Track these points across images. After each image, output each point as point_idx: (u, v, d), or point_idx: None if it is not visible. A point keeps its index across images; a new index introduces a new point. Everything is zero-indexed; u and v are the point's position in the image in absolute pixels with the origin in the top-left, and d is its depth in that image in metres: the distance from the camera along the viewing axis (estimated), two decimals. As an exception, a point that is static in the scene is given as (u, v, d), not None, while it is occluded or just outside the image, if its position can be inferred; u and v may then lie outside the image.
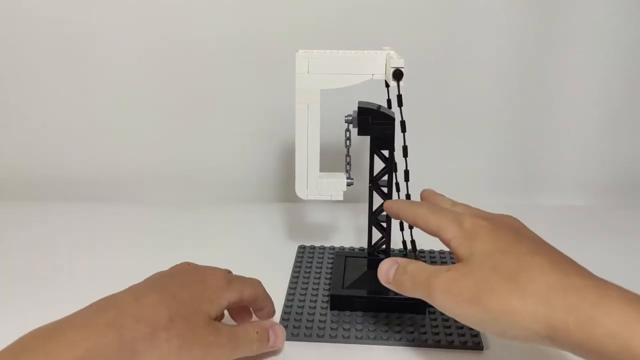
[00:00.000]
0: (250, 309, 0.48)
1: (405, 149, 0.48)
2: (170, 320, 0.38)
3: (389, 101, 0.53)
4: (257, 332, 0.44)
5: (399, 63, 0.45)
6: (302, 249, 0.64)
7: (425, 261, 0.61)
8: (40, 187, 0.79)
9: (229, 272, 0.48)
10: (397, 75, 0.45)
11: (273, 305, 0.48)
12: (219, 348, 0.41)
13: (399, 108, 0.47)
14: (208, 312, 0.41)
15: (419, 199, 0.51)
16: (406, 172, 0.49)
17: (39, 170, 0.79)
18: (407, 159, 0.49)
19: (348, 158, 0.54)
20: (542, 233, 0.69)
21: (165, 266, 0.61)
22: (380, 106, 0.51)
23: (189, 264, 0.46)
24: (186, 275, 0.43)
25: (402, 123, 0.47)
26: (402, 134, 0.47)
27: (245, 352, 0.43)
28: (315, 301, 0.54)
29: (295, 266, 0.61)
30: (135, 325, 0.37)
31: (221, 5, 0.71)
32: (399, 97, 0.46)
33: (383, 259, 0.54)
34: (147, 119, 0.77)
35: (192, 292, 0.41)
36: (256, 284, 0.47)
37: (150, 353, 0.37)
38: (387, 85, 0.51)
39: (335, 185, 0.53)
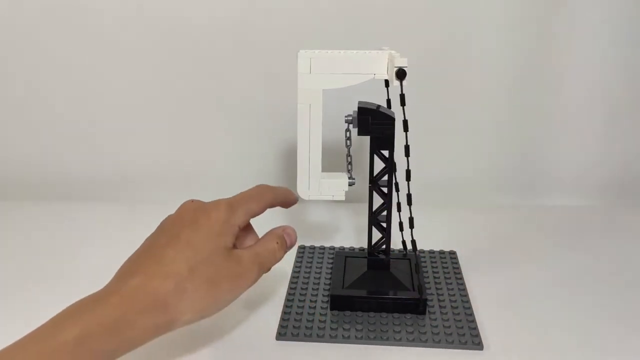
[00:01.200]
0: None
1: (407, 148, 0.48)
2: (190, 269, 0.40)
3: (388, 101, 0.52)
4: (277, 243, 0.46)
5: (402, 62, 0.45)
6: (302, 249, 0.64)
7: (425, 262, 0.61)
8: (40, 187, 0.79)
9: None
10: (400, 74, 0.45)
11: (290, 192, 0.50)
12: (246, 273, 0.43)
13: (401, 107, 0.47)
14: (224, 245, 0.42)
15: (417, 199, 0.52)
16: (408, 172, 0.49)
17: (39, 170, 0.79)
18: (408, 159, 0.48)
19: (349, 158, 0.54)
20: (542, 233, 0.70)
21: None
22: (380, 106, 0.51)
23: (192, 201, 0.46)
24: (192, 217, 0.44)
25: (405, 122, 0.47)
26: (404, 133, 0.47)
27: (272, 263, 0.45)
28: (315, 301, 0.54)
29: (295, 266, 0.61)
30: (163, 284, 0.39)
31: (223, 5, 0.71)
32: (402, 96, 0.46)
33: (383, 259, 0.54)
34: (147, 119, 0.77)
35: (202, 233, 0.42)
36: (260, 193, 0.48)
37: (183, 304, 0.39)
38: (387, 85, 0.51)
39: (337, 185, 0.53)
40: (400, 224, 0.53)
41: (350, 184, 0.53)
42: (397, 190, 0.52)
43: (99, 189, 0.79)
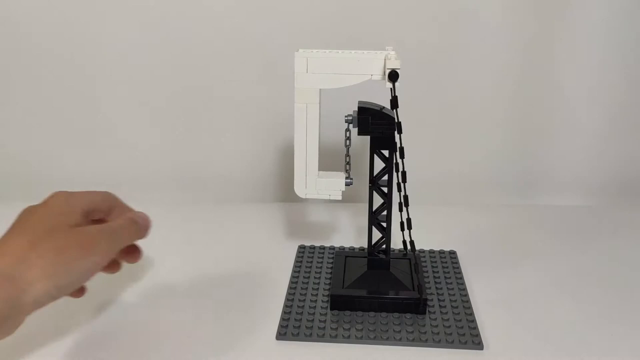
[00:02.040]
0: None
1: (401, 150, 0.48)
2: (31, 242, 0.40)
3: (391, 101, 0.52)
4: (126, 221, 0.46)
5: (394, 64, 0.45)
6: (302, 249, 0.64)
7: (425, 261, 0.61)
8: (40, 187, 0.79)
9: None
10: (393, 76, 0.45)
11: (138, 212, 0.49)
12: (94, 242, 0.43)
13: (394, 109, 0.47)
14: (66, 222, 0.43)
15: (418, 199, 0.52)
16: (403, 173, 0.49)
17: (39, 170, 0.79)
18: (407, 159, 0.48)
19: (348, 158, 0.54)
20: (542, 233, 0.70)
21: (164, 266, 0.61)
22: (380, 106, 0.51)
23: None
24: (35, 207, 0.45)
25: (398, 124, 0.47)
26: (398, 135, 0.47)
27: (126, 237, 0.46)
28: (315, 301, 0.54)
29: (295, 266, 0.61)
30: (3, 259, 0.39)
31: (221, 5, 0.71)
32: (395, 98, 0.46)
33: (383, 259, 0.54)
34: (146, 120, 0.77)
35: (40, 214, 0.43)
36: (104, 193, 0.48)
37: (29, 273, 0.39)
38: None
39: (334, 184, 0.53)
40: (401, 223, 0.53)
41: (347, 184, 0.53)
42: (399, 190, 0.52)
43: (99, 189, 0.79)
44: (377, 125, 0.50)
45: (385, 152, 0.51)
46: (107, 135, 0.78)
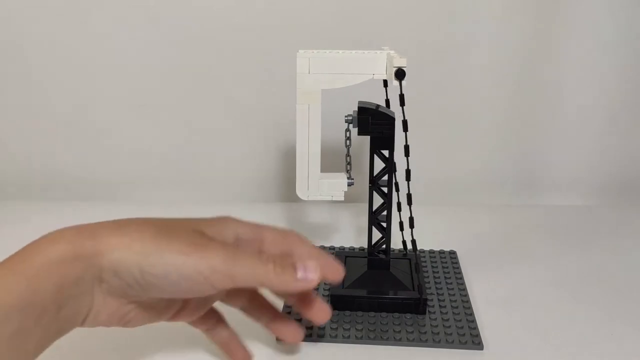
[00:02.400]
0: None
1: (407, 148, 0.48)
2: (146, 221, 0.38)
3: (387, 101, 0.52)
4: (279, 256, 0.38)
5: (401, 62, 0.45)
6: (302, 249, 0.64)
7: (425, 261, 0.61)
8: (40, 187, 0.79)
9: None
10: (400, 74, 0.45)
11: (327, 257, 0.40)
12: (208, 246, 0.36)
13: (400, 107, 0.47)
14: (199, 229, 0.38)
15: (417, 199, 0.52)
16: (407, 172, 0.49)
17: (39, 170, 0.79)
18: (408, 158, 0.48)
19: (348, 158, 0.54)
20: (542, 233, 0.70)
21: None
22: (380, 106, 0.51)
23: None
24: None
25: (404, 122, 0.47)
26: (403, 133, 0.47)
27: (253, 269, 0.37)
28: (316, 301, 0.54)
29: (295, 266, 0.61)
30: (108, 222, 0.37)
31: (221, 5, 0.71)
32: (402, 96, 0.46)
33: (383, 259, 0.54)
34: (147, 120, 0.77)
35: (186, 219, 0.39)
36: (286, 231, 0.42)
37: (115, 238, 0.36)
38: (386, 85, 0.51)
39: (336, 185, 0.53)
40: (401, 223, 0.53)
41: (349, 184, 0.53)
42: (397, 190, 0.52)
43: (99, 189, 0.79)
44: (377, 125, 0.50)
45: (385, 152, 0.51)
46: (108, 135, 0.78)
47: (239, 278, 0.37)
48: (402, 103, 0.47)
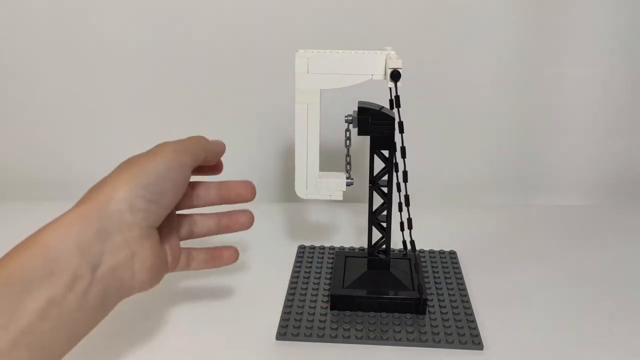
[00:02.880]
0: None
1: (403, 149, 0.48)
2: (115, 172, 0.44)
3: (391, 101, 0.52)
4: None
5: (396, 64, 0.45)
6: (302, 249, 0.64)
7: (425, 261, 0.61)
8: (40, 187, 0.79)
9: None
10: (395, 76, 0.45)
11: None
12: (161, 146, 0.46)
13: (396, 109, 0.47)
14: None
15: (418, 199, 0.52)
16: (404, 173, 0.49)
17: (39, 170, 0.79)
18: (407, 159, 0.48)
19: (348, 158, 0.54)
20: (542, 233, 0.70)
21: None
22: (380, 106, 0.51)
23: None
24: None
25: (400, 124, 0.47)
26: (400, 134, 0.47)
27: (194, 145, 0.47)
28: (315, 301, 0.54)
29: (295, 266, 0.61)
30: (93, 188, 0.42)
31: (221, 4, 0.71)
32: (397, 97, 0.46)
33: (383, 259, 0.54)
34: (147, 120, 0.77)
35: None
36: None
37: (107, 185, 0.41)
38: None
39: (335, 185, 0.53)
40: (401, 223, 0.53)
41: (348, 184, 0.53)
42: (398, 190, 0.52)
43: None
44: (377, 125, 0.50)
45: (385, 152, 0.51)
46: (108, 135, 0.78)
47: (192, 151, 0.46)
48: (397, 104, 0.47)
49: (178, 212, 0.50)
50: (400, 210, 0.51)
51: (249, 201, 0.52)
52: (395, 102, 0.47)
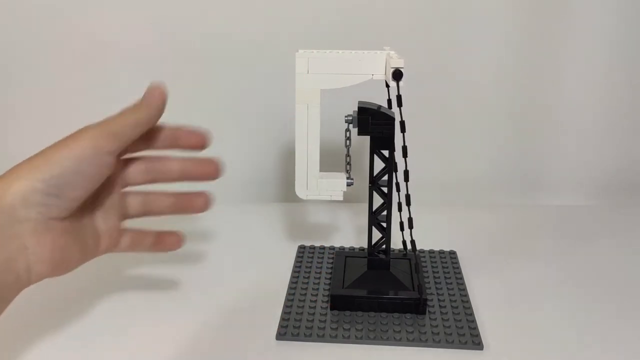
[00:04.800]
0: None
1: (404, 149, 0.48)
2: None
3: (389, 101, 0.52)
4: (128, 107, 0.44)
5: (398, 63, 0.45)
6: (302, 249, 0.64)
7: (425, 261, 0.61)
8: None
9: None
10: (397, 75, 0.45)
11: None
12: (79, 132, 0.42)
13: (398, 108, 0.47)
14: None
15: (417, 199, 0.52)
16: (406, 172, 0.49)
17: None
18: (408, 159, 0.49)
19: (348, 158, 0.54)
20: (542, 233, 0.70)
21: (165, 266, 0.61)
22: (380, 106, 0.51)
23: None
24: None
25: (402, 123, 0.47)
26: (401, 134, 0.47)
27: (122, 117, 0.44)
28: (315, 301, 0.54)
29: (295, 266, 0.61)
30: None
31: (221, 5, 0.71)
32: (399, 97, 0.46)
33: (383, 259, 0.54)
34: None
35: None
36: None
37: (8, 176, 0.39)
38: (388, 86, 0.51)
39: (335, 185, 0.53)
40: (401, 223, 0.53)
41: (348, 184, 0.53)
42: (398, 190, 0.52)
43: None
44: (377, 126, 0.50)
45: (385, 152, 0.51)
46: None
47: (118, 132, 0.42)
48: (399, 104, 0.47)
49: (126, 189, 0.48)
50: (400, 210, 0.51)
51: (213, 177, 0.49)
52: (398, 101, 0.47)
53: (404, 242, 0.57)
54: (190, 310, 0.53)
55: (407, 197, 0.50)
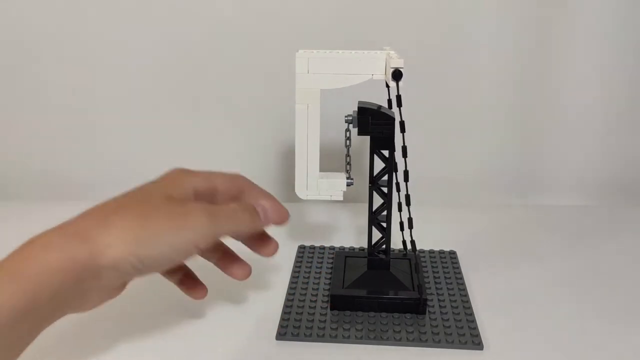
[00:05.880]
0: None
1: (404, 149, 0.48)
2: (120, 205, 0.39)
3: (389, 101, 0.52)
4: (240, 207, 0.42)
5: (398, 63, 0.45)
6: (302, 249, 0.64)
7: (425, 261, 0.61)
8: (41, 187, 0.79)
9: None
10: (397, 75, 0.45)
11: (274, 199, 0.45)
12: (190, 214, 0.39)
13: (398, 108, 0.47)
14: (166, 193, 0.40)
15: (417, 199, 0.52)
16: (406, 173, 0.49)
17: (39, 170, 0.79)
18: (408, 159, 0.48)
19: (348, 158, 0.54)
20: (542, 233, 0.70)
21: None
22: (380, 106, 0.51)
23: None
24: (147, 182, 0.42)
25: (402, 123, 0.47)
26: (401, 134, 0.47)
27: (229, 220, 0.41)
28: (315, 301, 0.54)
29: (295, 266, 0.61)
30: (88, 218, 0.38)
31: (221, 5, 0.71)
32: (399, 97, 0.46)
33: (383, 259, 0.54)
34: (146, 120, 0.77)
35: (144, 187, 0.41)
36: (233, 175, 0.45)
37: (106, 236, 0.37)
38: (388, 86, 0.51)
39: (335, 185, 0.53)
40: (401, 223, 0.53)
41: (348, 184, 0.53)
42: (398, 190, 0.52)
43: (99, 189, 0.79)
44: (377, 125, 0.50)
45: (385, 152, 0.51)
46: (108, 135, 0.78)
47: (221, 234, 0.42)
48: (399, 104, 0.47)
49: None
50: (400, 210, 0.51)
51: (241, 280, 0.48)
52: (397, 101, 0.47)
53: (404, 242, 0.57)
54: (190, 310, 0.53)
55: (407, 197, 0.50)
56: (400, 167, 0.49)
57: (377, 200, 0.52)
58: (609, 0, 0.70)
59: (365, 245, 0.56)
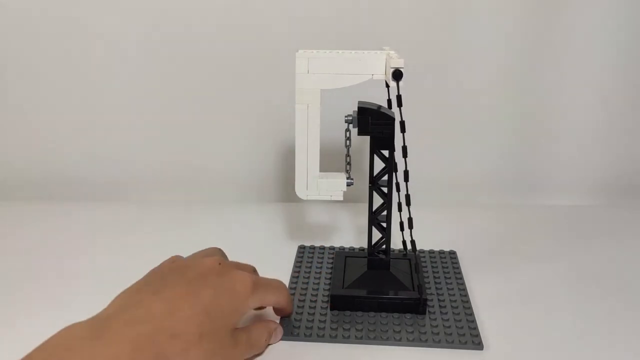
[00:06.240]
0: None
1: (404, 149, 0.48)
2: (200, 336, 0.40)
3: (389, 101, 0.52)
4: (266, 338, 0.47)
5: (398, 63, 0.45)
6: (302, 249, 0.64)
7: (425, 261, 0.61)
8: (40, 187, 0.79)
9: (254, 270, 0.51)
10: (397, 75, 0.46)
11: (292, 307, 0.52)
12: (238, 356, 0.44)
13: (398, 108, 0.47)
14: (233, 324, 0.43)
15: (417, 199, 0.51)
16: (406, 173, 0.49)
17: (39, 170, 0.79)
18: (408, 159, 0.49)
19: (348, 158, 0.54)
20: (542, 233, 0.70)
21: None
22: (380, 106, 0.51)
23: (220, 262, 0.46)
24: (217, 281, 0.43)
25: (402, 123, 0.47)
26: (401, 134, 0.47)
27: (255, 352, 0.47)
28: (315, 301, 0.54)
29: (295, 266, 0.61)
30: (171, 342, 0.38)
31: (221, 5, 0.71)
32: (399, 97, 0.46)
33: (383, 259, 0.54)
34: (146, 119, 0.77)
35: (222, 304, 0.42)
36: (280, 289, 0.49)
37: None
38: (387, 86, 0.51)
39: (335, 185, 0.53)
40: (401, 223, 0.53)
41: (348, 184, 0.53)
42: (398, 190, 0.52)
43: (99, 189, 0.79)
44: (377, 125, 0.50)
45: (385, 152, 0.51)
46: (107, 135, 0.78)
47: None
48: (399, 104, 0.47)
49: None
50: (400, 210, 0.51)
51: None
52: (398, 101, 0.46)
53: (404, 242, 0.57)
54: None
55: (407, 197, 0.50)
56: (400, 167, 0.49)
57: (377, 200, 0.52)
58: (608, 1, 0.70)
59: (365, 245, 0.56)
